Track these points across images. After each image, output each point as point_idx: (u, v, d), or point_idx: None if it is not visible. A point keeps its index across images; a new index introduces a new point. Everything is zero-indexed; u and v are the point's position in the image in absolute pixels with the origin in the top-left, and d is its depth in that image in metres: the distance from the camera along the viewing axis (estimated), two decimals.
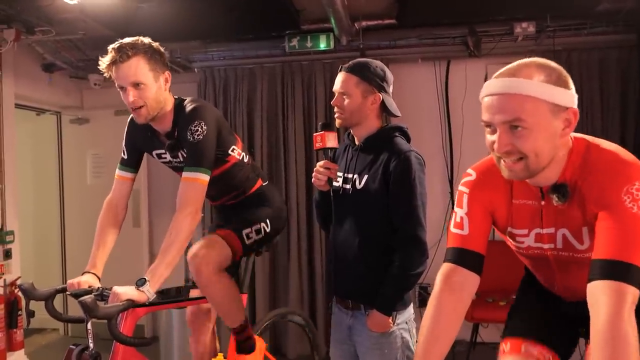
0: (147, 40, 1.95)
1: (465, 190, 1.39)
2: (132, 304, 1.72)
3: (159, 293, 2.03)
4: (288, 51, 4.13)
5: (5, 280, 3.75)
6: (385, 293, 1.84)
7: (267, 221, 2.22)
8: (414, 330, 1.93)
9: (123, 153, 2.19)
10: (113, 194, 2.17)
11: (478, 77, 3.57)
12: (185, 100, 2.08)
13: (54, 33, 3.60)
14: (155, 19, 3.81)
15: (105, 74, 1.92)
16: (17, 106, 4.06)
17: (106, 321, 1.64)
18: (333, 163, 1.98)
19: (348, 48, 4.13)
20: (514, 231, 1.38)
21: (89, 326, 1.75)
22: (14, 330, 3.74)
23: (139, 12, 3.78)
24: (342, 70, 1.95)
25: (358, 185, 1.92)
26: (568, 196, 1.23)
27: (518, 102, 1.14)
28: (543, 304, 1.55)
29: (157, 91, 1.96)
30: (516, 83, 1.15)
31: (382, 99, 1.93)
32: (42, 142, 5.04)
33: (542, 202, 1.29)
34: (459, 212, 1.37)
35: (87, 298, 1.59)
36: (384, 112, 1.98)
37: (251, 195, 2.28)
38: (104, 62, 1.89)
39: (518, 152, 1.17)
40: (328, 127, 1.97)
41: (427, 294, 3.20)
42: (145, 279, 1.75)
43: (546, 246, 1.35)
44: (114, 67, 1.88)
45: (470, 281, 1.33)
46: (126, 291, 1.72)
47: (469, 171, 1.42)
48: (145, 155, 2.22)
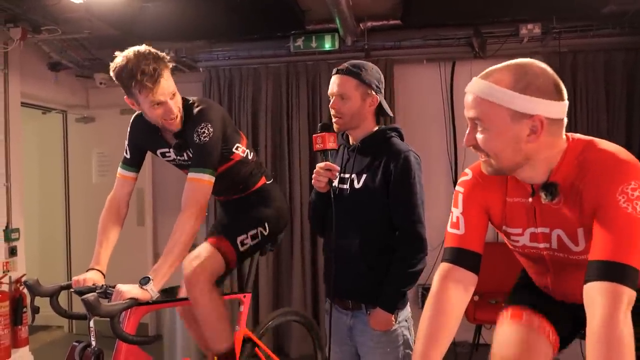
0: (150, 48, 1.91)
1: (460, 190, 1.41)
2: (136, 302, 1.72)
3: (163, 292, 2.03)
4: (293, 51, 4.14)
5: (10, 277, 3.78)
6: (388, 291, 1.85)
7: (266, 224, 2.23)
8: (413, 328, 1.93)
9: (126, 152, 2.20)
10: (115, 192, 2.19)
11: None
12: (191, 100, 2.09)
13: (60, 32, 3.63)
14: (160, 19, 3.83)
15: (138, 96, 1.89)
16: (23, 105, 4.09)
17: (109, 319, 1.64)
18: (334, 165, 1.98)
19: (353, 48, 4.14)
20: (509, 230, 1.39)
21: (92, 324, 1.77)
22: (19, 327, 3.77)
23: (144, 12, 3.78)
24: (338, 73, 1.92)
25: (356, 185, 1.92)
26: (556, 195, 1.23)
27: (478, 104, 1.21)
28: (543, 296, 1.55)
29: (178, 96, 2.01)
30: (481, 86, 1.21)
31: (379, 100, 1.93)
32: (48, 141, 5.07)
33: (530, 200, 1.30)
34: (455, 212, 1.39)
35: (90, 296, 1.60)
36: (379, 113, 1.98)
37: (253, 192, 2.29)
38: (145, 86, 1.84)
39: (481, 149, 1.23)
40: (328, 129, 1.95)
41: None
42: (149, 278, 1.76)
43: (542, 245, 1.35)
44: (156, 86, 1.85)
45: (468, 280, 1.34)
46: (130, 289, 1.72)
47: (466, 171, 1.44)
48: (149, 154, 2.24)
